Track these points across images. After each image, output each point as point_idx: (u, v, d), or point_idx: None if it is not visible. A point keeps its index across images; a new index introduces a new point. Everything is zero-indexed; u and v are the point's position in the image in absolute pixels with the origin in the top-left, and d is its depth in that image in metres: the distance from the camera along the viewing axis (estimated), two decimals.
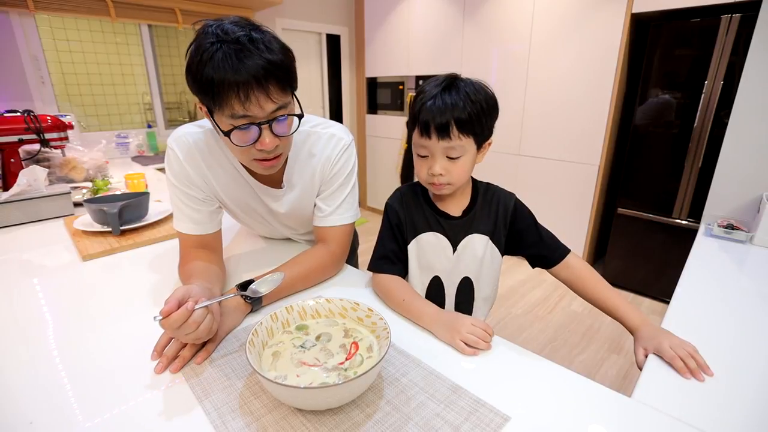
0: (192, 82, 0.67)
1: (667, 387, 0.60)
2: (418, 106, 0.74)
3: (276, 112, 0.70)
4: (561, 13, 2.49)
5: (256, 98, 0.65)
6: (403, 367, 0.62)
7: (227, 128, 0.69)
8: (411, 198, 0.87)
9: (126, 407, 0.54)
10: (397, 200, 0.87)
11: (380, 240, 0.87)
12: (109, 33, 2.83)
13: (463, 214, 0.86)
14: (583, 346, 2.08)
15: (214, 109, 0.68)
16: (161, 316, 0.57)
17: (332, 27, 3.86)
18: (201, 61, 0.63)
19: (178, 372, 0.60)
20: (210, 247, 0.89)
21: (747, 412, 0.56)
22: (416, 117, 0.75)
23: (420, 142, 0.76)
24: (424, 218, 0.86)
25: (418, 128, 0.75)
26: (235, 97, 0.64)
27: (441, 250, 0.86)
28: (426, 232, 0.86)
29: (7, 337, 0.70)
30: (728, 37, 2.00)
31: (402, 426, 0.51)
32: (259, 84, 0.64)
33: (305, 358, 0.58)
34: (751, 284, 0.95)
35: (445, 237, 0.85)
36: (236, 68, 0.62)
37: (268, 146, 0.71)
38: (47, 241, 1.16)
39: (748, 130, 1.26)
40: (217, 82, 0.63)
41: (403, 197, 0.87)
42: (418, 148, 0.78)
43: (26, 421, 0.51)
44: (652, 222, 2.47)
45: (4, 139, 1.49)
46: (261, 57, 0.64)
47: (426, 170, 0.77)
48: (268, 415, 0.53)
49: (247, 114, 0.66)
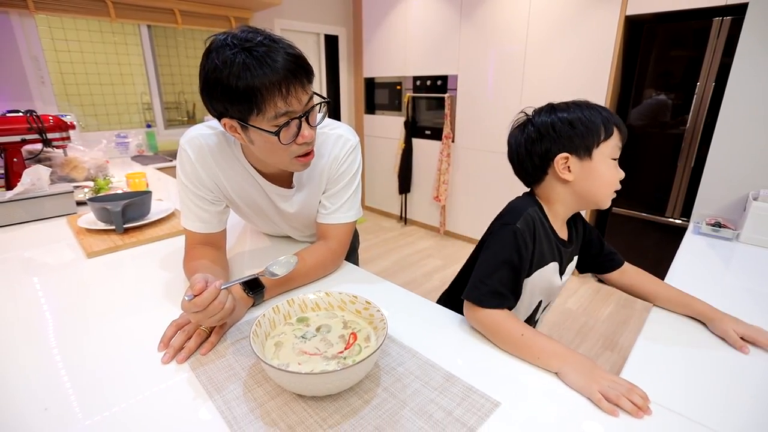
0: (223, 95, 0.68)
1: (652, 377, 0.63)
2: (609, 115, 0.76)
3: (308, 104, 0.73)
4: (556, 15, 2.53)
5: (295, 91, 0.69)
6: (399, 357, 0.65)
7: (273, 129, 0.71)
8: (538, 225, 0.77)
9: (138, 397, 0.57)
10: (527, 227, 0.74)
11: (495, 269, 0.72)
12: (108, 33, 2.85)
13: (570, 239, 0.86)
14: (578, 343, 2.11)
15: (251, 116, 0.69)
16: (192, 295, 0.60)
17: (330, 27, 3.89)
18: (232, 73, 0.65)
19: (184, 362, 0.63)
20: (215, 244, 0.92)
21: (730, 402, 0.58)
22: (609, 121, 0.75)
23: (620, 145, 0.76)
24: (550, 247, 0.80)
25: (618, 132, 0.75)
26: (278, 95, 0.67)
27: (554, 278, 0.84)
28: (551, 262, 0.81)
29: (23, 330, 0.73)
30: (719, 39, 2.04)
31: (398, 411, 0.54)
32: (296, 77, 0.68)
33: (306, 348, 0.61)
34: (736, 280, 0.98)
35: (559, 265, 0.84)
36: (274, 68, 0.65)
37: (308, 137, 0.75)
38: (51, 239, 1.18)
39: (736, 130, 1.30)
40: (259, 86, 0.65)
41: (534, 223, 0.76)
42: (615, 152, 0.75)
43: (41, 407, 0.54)
44: (646, 221, 2.51)
45: (7, 139, 1.51)
46: (287, 53, 0.67)
47: (617, 176, 0.76)
48: (271, 402, 0.56)
49: (288, 110, 0.70)
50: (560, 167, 0.76)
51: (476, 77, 3.05)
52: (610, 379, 0.57)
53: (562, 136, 0.75)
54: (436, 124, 3.41)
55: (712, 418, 0.54)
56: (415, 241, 3.51)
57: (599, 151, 0.74)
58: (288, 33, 3.63)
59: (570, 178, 0.76)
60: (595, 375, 0.57)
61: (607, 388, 0.55)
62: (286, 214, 0.98)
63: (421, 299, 0.85)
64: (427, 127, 3.51)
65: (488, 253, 0.75)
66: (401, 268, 3.00)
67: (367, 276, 0.96)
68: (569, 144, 0.74)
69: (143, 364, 0.63)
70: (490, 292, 0.70)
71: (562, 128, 0.75)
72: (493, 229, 0.78)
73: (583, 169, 0.75)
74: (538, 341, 0.64)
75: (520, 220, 0.74)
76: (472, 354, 0.67)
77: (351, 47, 4.07)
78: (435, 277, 2.84)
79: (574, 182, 0.76)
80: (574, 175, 0.76)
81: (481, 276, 0.72)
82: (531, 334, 0.65)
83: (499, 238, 0.74)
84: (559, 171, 0.76)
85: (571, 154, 0.75)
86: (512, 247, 0.72)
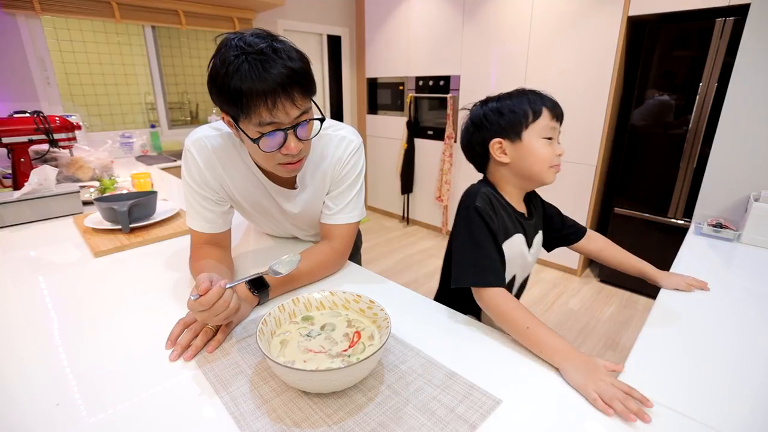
0: (217, 93, 0.70)
1: (653, 376, 0.64)
2: (537, 98, 0.82)
3: (299, 118, 0.73)
4: (559, 15, 2.53)
5: (283, 105, 0.69)
6: (402, 355, 0.66)
7: (255, 135, 0.72)
8: (494, 200, 0.83)
9: (148, 392, 0.58)
10: (486, 203, 0.81)
11: (479, 249, 0.77)
12: (112, 34, 2.87)
13: (529, 213, 0.92)
14: (579, 343, 2.12)
15: (240, 118, 0.71)
16: (198, 294, 0.61)
17: (333, 28, 3.90)
18: (227, 74, 0.66)
19: (191, 360, 0.65)
20: (220, 244, 0.93)
21: (732, 401, 0.59)
22: (537, 104, 0.81)
23: (551, 124, 0.82)
24: (511, 220, 0.86)
25: (548, 112, 0.81)
26: (263, 105, 0.67)
27: (523, 249, 0.89)
28: (515, 233, 0.86)
29: (34, 328, 0.74)
30: (722, 40, 2.04)
31: (401, 408, 0.55)
32: (285, 91, 0.68)
33: (311, 346, 0.62)
34: (737, 281, 0.99)
35: (524, 237, 0.89)
36: (263, 78, 0.66)
37: (293, 150, 0.75)
38: (58, 238, 1.20)
39: (737, 131, 1.30)
40: (245, 92, 0.66)
41: (489, 199, 0.82)
42: (546, 131, 0.81)
43: (54, 402, 0.55)
44: (648, 221, 2.51)
45: (14, 139, 1.53)
46: (284, 66, 0.67)
47: (551, 152, 0.82)
48: (276, 398, 0.57)
49: (274, 121, 0.70)
50: (496, 151, 0.84)
51: (478, 77, 3.06)
52: (609, 382, 0.57)
53: (493, 124, 0.83)
54: (439, 124, 3.42)
55: (714, 417, 0.55)
56: (417, 241, 3.52)
57: (529, 132, 0.81)
58: (291, 33, 3.64)
59: (506, 160, 0.84)
60: (595, 375, 0.58)
61: (604, 388, 0.56)
62: (290, 214, 0.99)
63: (424, 299, 0.87)
64: (429, 128, 3.52)
65: (462, 237, 0.81)
66: (404, 267, 3.01)
67: (371, 276, 0.97)
68: (500, 130, 0.83)
69: (151, 361, 0.65)
70: (485, 270, 0.76)
71: (491, 117, 0.84)
72: (459, 216, 0.84)
73: (517, 150, 0.82)
74: (543, 336, 0.66)
75: (477, 199, 0.81)
76: (473, 353, 0.68)
77: (353, 47, 4.08)
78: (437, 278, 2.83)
79: (512, 163, 0.84)
80: (510, 157, 0.83)
81: (467, 258, 0.78)
82: (536, 328, 0.67)
83: (466, 221, 0.81)
84: (495, 155, 0.84)
85: (503, 138, 0.83)
86: (481, 223, 0.79)
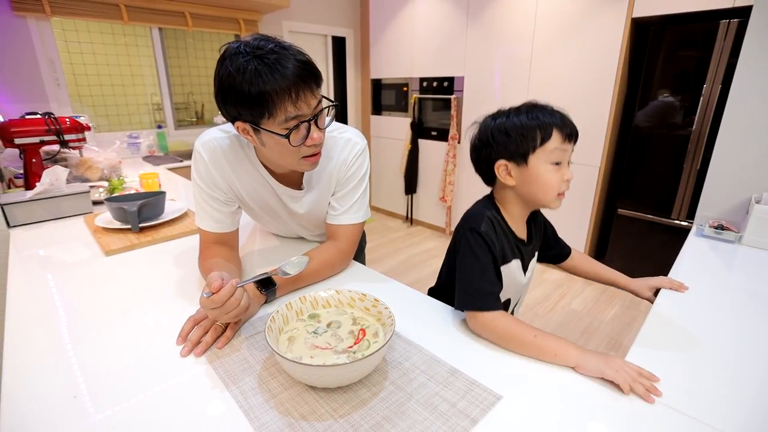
0: (236, 100, 0.71)
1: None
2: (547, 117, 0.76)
3: (317, 107, 0.77)
4: (563, 17, 2.54)
5: (305, 96, 0.73)
6: (406, 352, 0.68)
7: (284, 132, 0.75)
8: (497, 225, 0.80)
9: (161, 386, 0.60)
10: (490, 228, 0.78)
11: (483, 275, 0.76)
12: (119, 35, 2.91)
13: (529, 239, 0.88)
14: (582, 344, 2.13)
15: (263, 120, 0.73)
16: (210, 292, 0.64)
17: (338, 29, 3.93)
18: (245, 80, 0.69)
19: (201, 355, 0.67)
20: (228, 243, 0.96)
21: (734, 401, 0.61)
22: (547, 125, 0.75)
23: (561, 147, 0.75)
24: (510, 246, 0.83)
25: (558, 134, 0.75)
26: (288, 100, 0.71)
27: (518, 275, 0.88)
28: (513, 259, 0.84)
29: (48, 325, 0.77)
30: (726, 42, 2.04)
31: (405, 403, 0.57)
32: (305, 82, 0.72)
33: (318, 343, 0.64)
34: (738, 282, 1.00)
35: (521, 262, 0.87)
36: (284, 74, 0.69)
37: (317, 140, 0.79)
38: (70, 237, 1.23)
39: (739, 133, 1.30)
40: (270, 91, 0.69)
41: (493, 224, 0.79)
42: (555, 155, 0.75)
43: (71, 395, 0.58)
44: (652, 223, 2.51)
45: (26, 140, 1.56)
46: (297, 59, 0.71)
47: (560, 178, 0.76)
48: (284, 393, 0.59)
49: (298, 114, 0.73)
50: (501, 173, 0.79)
51: (483, 79, 3.07)
52: (619, 365, 0.62)
53: (499, 144, 0.78)
54: (443, 125, 3.43)
55: (714, 416, 0.56)
56: (421, 241, 3.54)
57: (536, 157, 0.75)
58: (296, 35, 3.67)
59: (512, 183, 0.79)
60: (610, 362, 0.63)
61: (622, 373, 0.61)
62: (297, 214, 1.01)
63: (427, 298, 0.88)
64: (433, 128, 3.53)
65: (467, 260, 0.77)
66: (407, 267, 3.03)
67: (375, 275, 0.99)
68: (505, 151, 0.77)
69: (163, 356, 0.67)
70: (486, 295, 0.74)
71: (498, 136, 0.78)
72: (462, 235, 0.81)
73: (522, 175, 0.77)
74: (552, 341, 0.67)
75: (482, 224, 0.77)
76: (475, 350, 0.70)
77: (358, 49, 4.10)
78: None
79: (517, 186, 0.79)
80: (516, 180, 0.78)
81: (471, 283, 0.75)
82: (543, 335, 0.68)
83: (471, 244, 0.77)
84: (501, 177, 0.79)
85: (508, 161, 0.78)
86: (485, 248, 0.76)
